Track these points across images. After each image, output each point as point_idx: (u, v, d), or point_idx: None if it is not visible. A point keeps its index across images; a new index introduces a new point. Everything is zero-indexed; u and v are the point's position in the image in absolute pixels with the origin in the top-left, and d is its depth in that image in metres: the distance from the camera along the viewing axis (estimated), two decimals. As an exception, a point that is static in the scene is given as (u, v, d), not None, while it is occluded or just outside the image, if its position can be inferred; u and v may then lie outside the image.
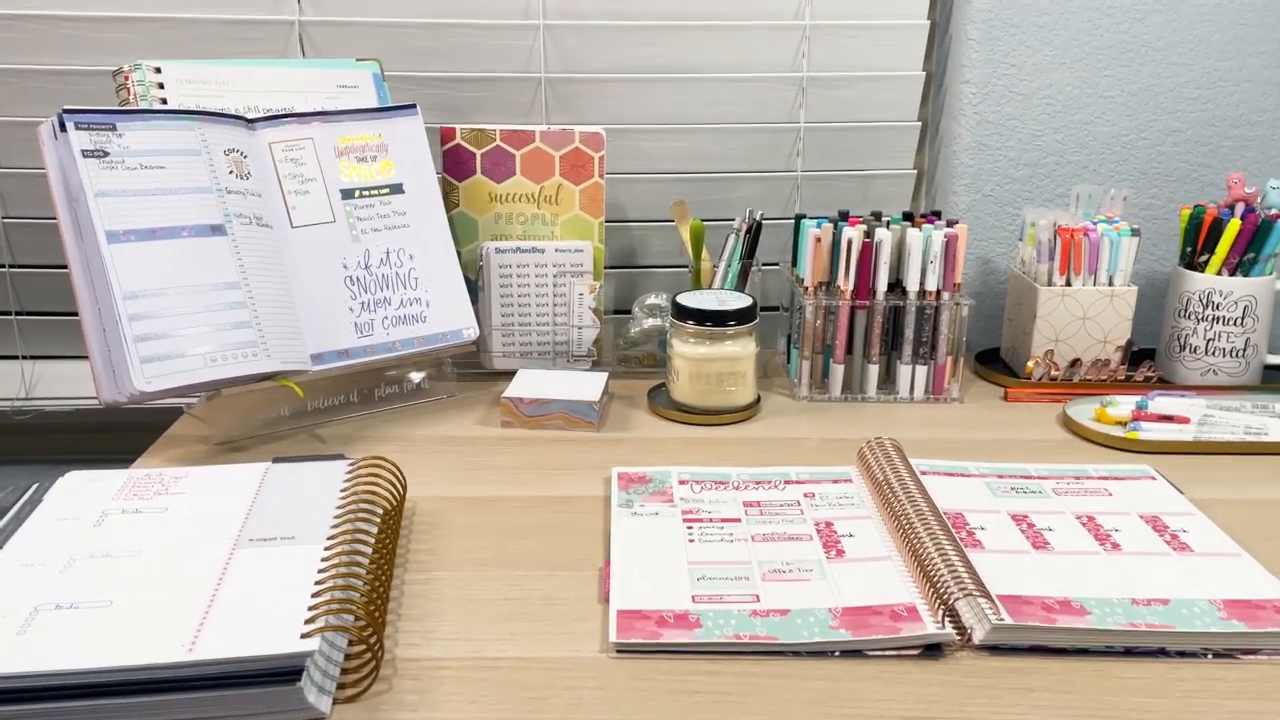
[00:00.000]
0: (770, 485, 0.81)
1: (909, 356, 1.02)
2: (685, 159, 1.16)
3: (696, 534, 0.74)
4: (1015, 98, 1.12)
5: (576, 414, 0.94)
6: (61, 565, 0.62)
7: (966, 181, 1.15)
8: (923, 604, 0.65)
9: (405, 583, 0.69)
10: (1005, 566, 0.69)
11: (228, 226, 0.86)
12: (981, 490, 0.81)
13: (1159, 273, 1.17)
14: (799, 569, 0.69)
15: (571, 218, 1.06)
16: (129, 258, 0.81)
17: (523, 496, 0.81)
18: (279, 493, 0.72)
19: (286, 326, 0.88)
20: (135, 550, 0.64)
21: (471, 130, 1.03)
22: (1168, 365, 1.08)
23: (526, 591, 0.68)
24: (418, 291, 0.97)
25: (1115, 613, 0.64)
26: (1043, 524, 0.75)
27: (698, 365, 0.95)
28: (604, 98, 1.13)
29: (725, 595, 0.66)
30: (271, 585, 0.60)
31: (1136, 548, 0.72)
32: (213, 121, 0.89)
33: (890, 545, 0.72)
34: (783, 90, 1.14)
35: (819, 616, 0.64)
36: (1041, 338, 1.05)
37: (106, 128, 0.83)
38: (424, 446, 0.90)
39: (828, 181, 1.18)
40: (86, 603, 0.58)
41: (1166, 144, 1.14)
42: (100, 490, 0.72)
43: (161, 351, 0.80)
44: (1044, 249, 1.03)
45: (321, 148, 0.95)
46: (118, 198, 0.82)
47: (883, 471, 0.80)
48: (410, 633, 0.63)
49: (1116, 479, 0.83)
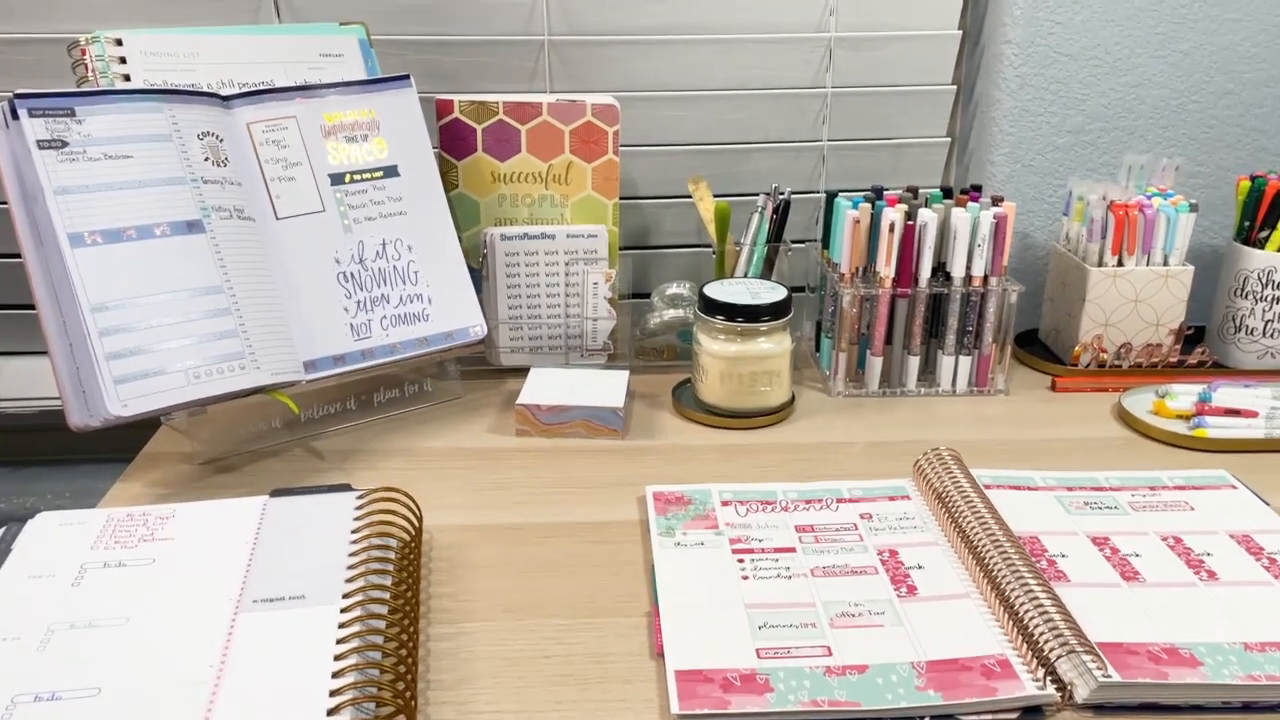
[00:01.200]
0: (822, 505, 0.74)
1: (952, 346, 0.94)
2: (701, 129, 1.07)
3: (750, 568, 0.67)
4: (1060, 59, 1.03)
5: (600, 421, 0.86)
6: (38, 640, 0.54)
7: (1006, 151, 1.06)
8: (1015, 655, 0.58)
9: (431, 639, 0.61)
10: (1097, 604, 0.62)
11: (206, 222, 0.77)
12: (1053, 506, 0.74)
13: (1208, 245, 1.09)
14: (869, 611, 0.62)
15: (583, 199, 0.96)
16: (96, 263, 0.71)
17: (549, 524, 0.73)
18: (281, 536, 0.63)
19: (276, 333, 0.79)
20: (122, 617, 0.56)
21: (471, 103, 0.93)
22: (1221, 347, 1.01)
23: (569, 646, 0.60)
24: (418, 287, 0.87)
25: (1229, 662, 0.57)
26: (1127, 549, 0.68)
27: (729, 364, 0.87)
28: (612, 62, 1.03)
29: (793, 649, 0.59)
30: (284, 662, 0.52)
31: (1235, 576, 0.65)
32: (184, 101, 0.79)
33: (965, 579, 0.65)
34: (807, 52, 1.05)
35: (902, 675, 0.57)
36: (1090, 321, 0.97)
37: (64, 113, 0.73)
38: (433, 462, 0.82)
39: (855, 151, 1.09)
40: (70, 692, 0.50)
41: (1219, 107, 1.06)
42: (76, 537, 0.64)
43: (138, 369, 0.71)
44: (1095, 227, 0.96)
45: (306, 127, 0.85)
46: (80, 194, 0.72)
47: (944, 487, 0.73)
48: (443, 704, 0.55)
49: (1195, 488, 0.76)
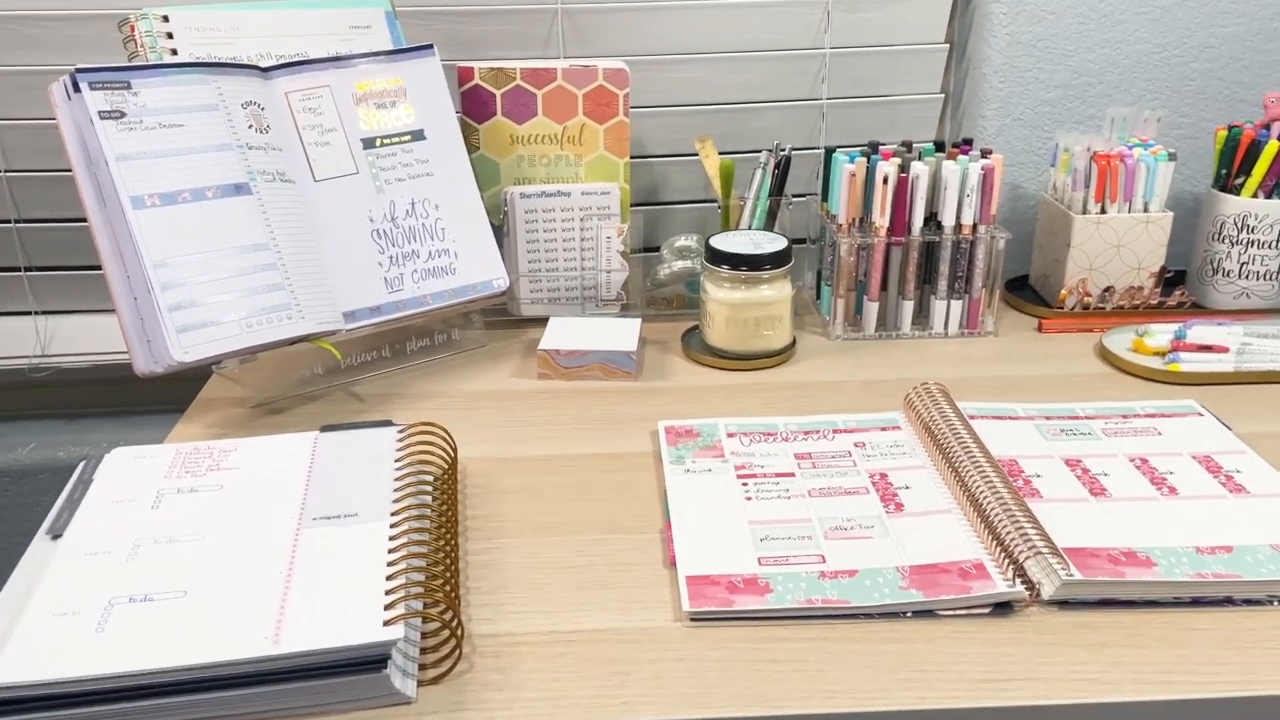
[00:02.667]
0: (819, 435, 0.81)
1: (944, 291, 1.01)
2: (706, 90, 1.13)
3: (753, 491, 0.74)
4: (1047, 16, 1.09)
5: (615, 364, 0.93)
6: (126, 553, 0.62)
7: (996, 105, 1.12)
8: (989, 559, 0.65)
9: (468, 553, 0.69)
10: (1066, 517, 0.69)
11: (252, 185, 0.84)
12: (1032, 433, 0.80)
13: (1189, 193, 1.15)
14: (860, 525, 0.69)
15: (596, 158, 1.03)
16: (155, 223, 0.78)
17: (571, 454, 0.81)
18: (332, 465, 0.71)
19: (318, 286, 0.86)
20: (198, 534, 0.63)
21: (491, 70, 1.00)
22: (1200, 289, 1.07)
23: (591, 558, 0.68)
24: (445, 242, 0.94)
25: (1181, 563, 0.64)
26: (1097, 469, 0.75)
27: (734, 310, 0.94)
28: (622, 28, 1.09)
29: (791, 556, 0.66)
30: (343, 568, 0.60)
31: (1193, 491, 0.72)
32: (228, 73, 0.85)
33: (948, 497, 0.72)
34: (806, 14, 1.10)
35: (887, 576, 0.64)
36: (1075, 266, 1.04)
37: (121, 86, 0.80)
38: (463, 403, 0.89)
39: (853, 109, 1.15)
40: (160, 594, 0.58)
41: (1200, 61, 1.11)
42: (150, 468, 0.71)
43: (195, 320, 0.78)
44: (1079, 176, 1.02)
45: (339, 95, 0.91)
46: (139, 160, 0.79)
47: (931, 418, 0.80)
48: (482, 607, 0.63)
49: (1164, 416, 0.83)
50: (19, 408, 1.19)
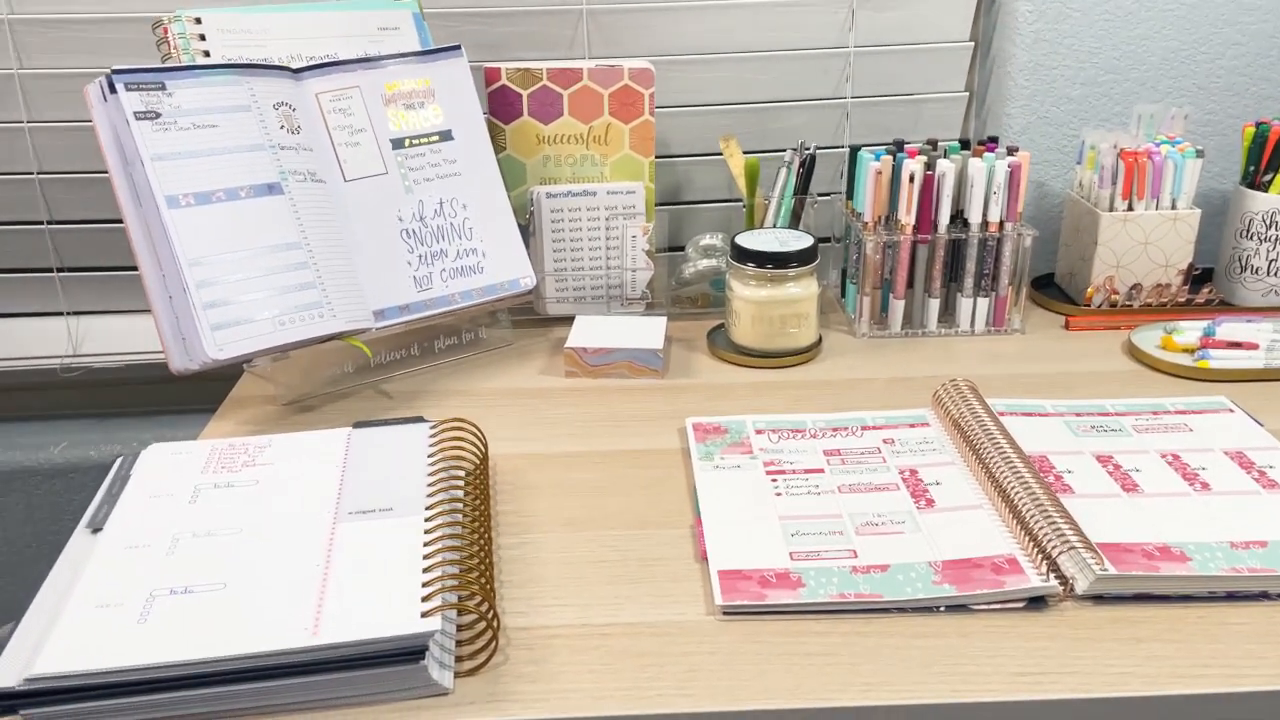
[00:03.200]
0: (848, 432, 0.81)
1: (970, 289, 1.01)
2: (731, 89, 1.13)
3: (782, 486, 0.74)
4: (1071, 14, 1.08)
5: (641, 362, 0.93)
6: (166, 546, 0.62)
7: (1021, 103, 1.12)
8: (1022, 554, 0.65)
9: (501, 547, 0.69)
10: (1099, 512, 0.69)
11: (284, 185, 0.84)
12: (1061, 430, 0.80)
13: (1217, 190, 1.15)
14: (891, 521, 0.69)
15: (621, 158, 1.03)
16: (190, 222, 0.79)
17: (600, 451, 0.81)
18: (366, 461, 0.72)
19: (348, 284, 0.87)
20: (236, 528, 0.64)
21: (518, 70, 1.00)
22: (1228, 286, 1.07)
23: (623, 552, 0.68)
24: (473, 242, 0.95)
25: (1215, 557, 0.64)
26: (1129, 465, 0.75)
27: (760, 308, 0.94)
28: (646, 28, 1.10)
29: (823, 551, 0.66)
30: (380, 560, 0.60)
31: (1227, 487, 0.72)
32: (259, 74, 0.86)
33: (979, 493, 0.72)
34: (831, 13, 1.10)
35: (920, 571, 0.64)
36: (1102, 264, 1.03)
37: (156, 87, 0.81)
38: (492, 401, 0.90)
39: (878, 107, 1.15)
40: (200, 586, 0.58)
41: (1227, 57, 1.11)
42: (187, 464, 0.72)
43: (230, 318, 0.79)
44: (1106, 173, 1.01)
45: (369, 96, 0.92)
46: (174, 160, 0.80)
47: (961, 414, 0.80)
48: (516, 600, 0.64)
49: (1195, 412, 0.83)
50: (51, 407, 1.20)
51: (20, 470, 1.17)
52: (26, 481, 1.17)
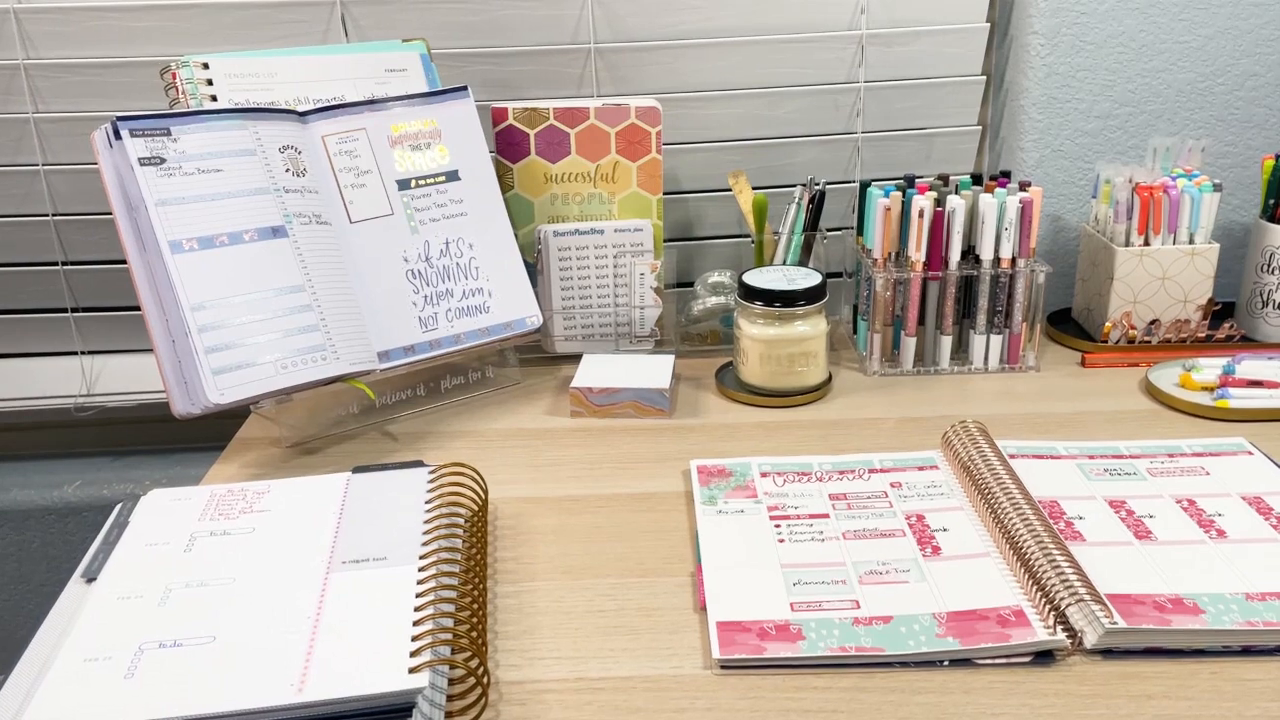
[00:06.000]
0: (855, 475, 0.80)
1: (983, 326, 0.99)
2: (740, 125, 1.13)
3: (786, 532, 0.73)
4: (1086, 47, 1.07)
5: (648, 402, 0.92)
6: (159, 597, 0.62)
7: (1035, 137, 1.11)
8: (1029, 606, 0.63)
9: (497, 595, 0.68)
10: (1110, 561, 0.67)
11: (288, 227, 0.85)
12: (1073, 473, 0.78)
13: (1237, 224, 1.13)
14: (895, 569, 0.68)
15: (629, 195, 1.03)
16: (193, 267, 0.80)
17: (602, 494, 0.80)
18: (364, 507, 0.71)
19: (352, 326, 0.87)
20: (229, 577, 0.64)
21: (524, 110, 1.00)
22: (1249, 322, 1.04)
23: (620, 602, 0.67)
24: (479, 281, 0.95)
25: (1230, 610, 0.62)
26: (1142, 510, 0.73)
27: (767, 347, 0.93)
28: (655, 65, 1.09)
29: (825, 602, 0.65)
30: (371, 613, 0.59)
31: (1243, 534, 0.70)
32: (265, 118, 0.87)
33: (987, 540, 0.71)
34: (840, 49, 1.10)
35: (923, 623, 0.62)
36: (1119, 299, 1.01)
37: (161, 133, 0.81)
38: (496, 442, 0.89)
39: (889, 142, 1.14)
40: (190, 640, 0.58)
41: (1245, 89, 1.09)
42: (185, 511, 0.72)
43: (232, 361, 0.79)
44: (1121, 208, 1.00)
45: (375, 138, 0.92)
46: (178, 205, 0.80)
47: (970, 457, 0.78)
48: (509, 652, 0.63)
49: (1212, 455, 0.81)
50: (65, 446, 1.21)
51: (35, 509, 1.17)
52: (41, 520, 1.18)
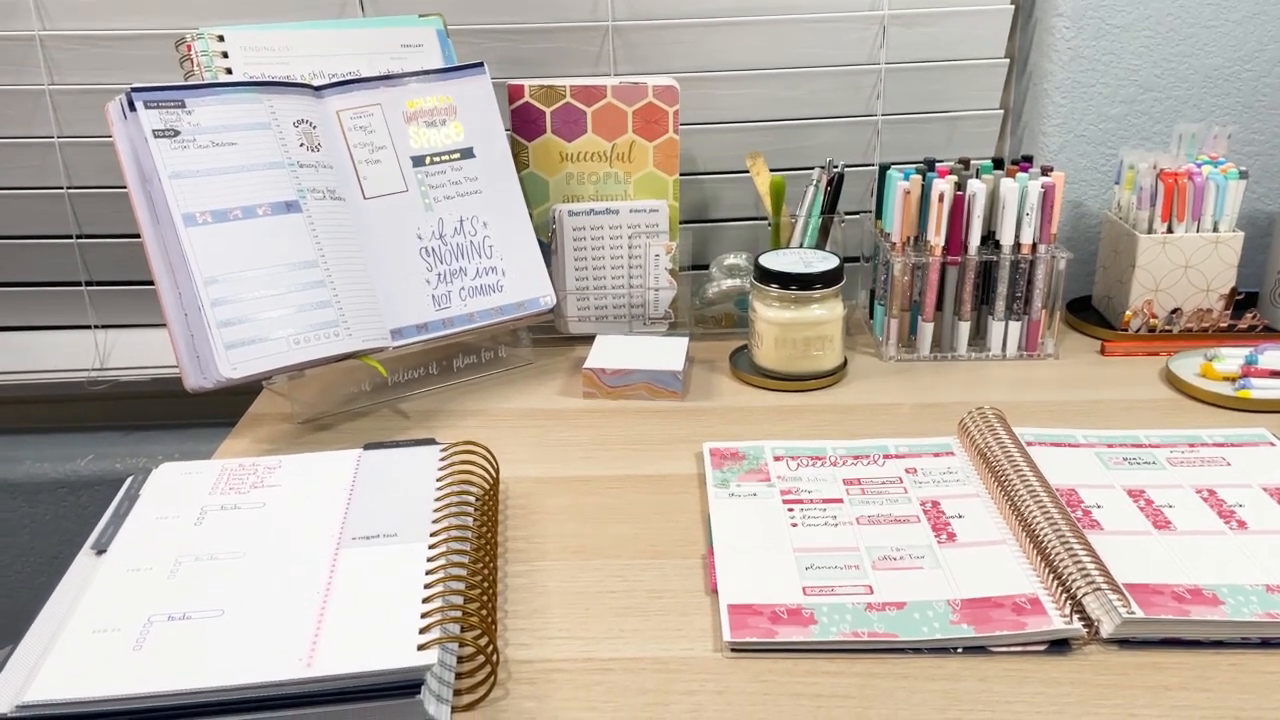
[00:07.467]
0: (869, 460, 0.79)
1: (1001, 312, 0.98)
2: (758, 106, 1.11)
3: (799, 517, 0.72)
4: (1111, 31, 1.05)
5: (660, 384, 0.91)
6: (168, 569, 0.62)
7: (1058, 122, 1.09)
8: (1045, 594, 0.62)
9: (508, 575, 0.68)
10: (1128, 551, 0.66)
11: (302, 202, 0.84)
12: (1092, 462, 0.77)
13: (1262, 212, 1.11)
14: (910, 555, 0.67)
15: (645, 175, 1.02)
16: (207, 240, 0.79)
17: (614, 475, 0.80)
18: (375, 484, 0.71)
19: (365, 303, 0.86)
20: (239, 551, 0.63)
21: (541, 88, 0.99)
22: (1272, 312, 1.03)
23: (631, 583, 0.66)
24: (493, 260, 0.94)
25: (1250, 601, 0.61)
26: (1161, 500, 0.72)
27: (783, 330, 0.92)
28: (673, 45, 1.08)
29: (837, 587, 0.64)
30: (381, 590, 0.59)
31: (1264, 525, 0.69)
32: (280, 92, 0.86)
33: (1003, 527, 0.70)
34: (862, 29, 1.08)
35: (938, 610, 0.62)
36: (1140, 287, 1.00)
37: (175, 105, 0.81)
38: (508, 421, 0.89)
39: (909, 124, 1.12)
40: (198, 612, 0.58)
41: (1273, 75, 1.07)
42: (196, 484, 0.71)
43: (245, 336, 0.79)
44: (1144, 194, 0.98)
45: (390, 113, 0.92)
46: (192, 178, 0.80)
47: (986, 444, 0.77)
48: (519, 631, 0.62)
49: (1233, 445, 0.79)
50: (78, 420, 1.21)
51: (47, 482, 1.18)
52: (53, 493, 1.18)
